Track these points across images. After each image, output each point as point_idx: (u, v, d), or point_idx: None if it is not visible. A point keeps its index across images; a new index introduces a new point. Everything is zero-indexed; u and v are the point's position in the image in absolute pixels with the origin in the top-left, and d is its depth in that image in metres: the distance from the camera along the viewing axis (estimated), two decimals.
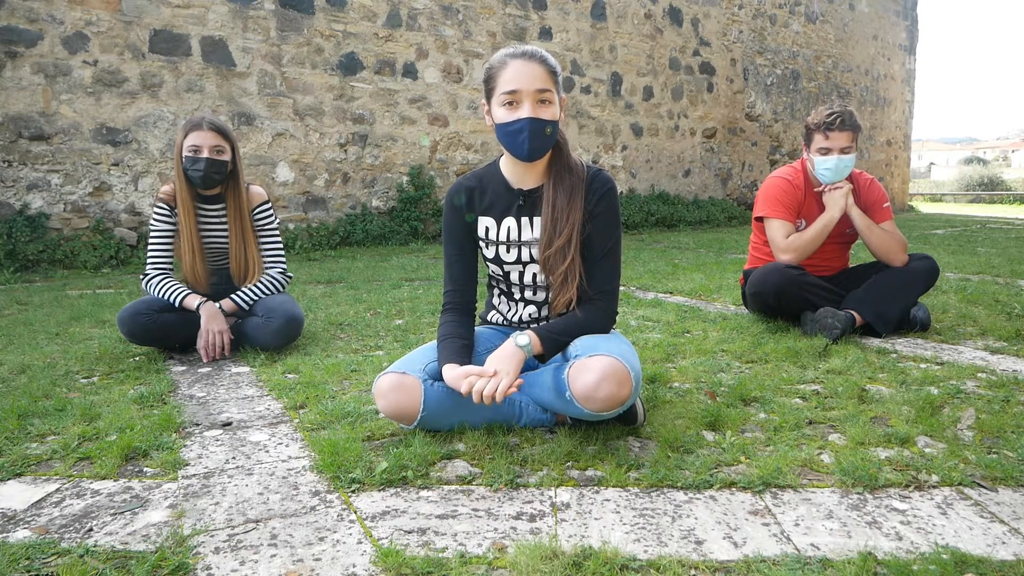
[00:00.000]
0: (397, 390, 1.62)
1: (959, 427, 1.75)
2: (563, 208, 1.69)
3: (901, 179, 15.10)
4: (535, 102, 1.60)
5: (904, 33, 14.42)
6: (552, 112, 1.63)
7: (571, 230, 1.68)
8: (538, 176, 1.75)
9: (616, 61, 9.04)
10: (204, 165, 2.54)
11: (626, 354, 1.57)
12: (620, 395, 1.51)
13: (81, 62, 5.45)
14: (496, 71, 1.63)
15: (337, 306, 3.58)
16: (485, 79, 1.68)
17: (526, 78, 1.59)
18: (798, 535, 1.24)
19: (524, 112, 1.60)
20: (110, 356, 2.59)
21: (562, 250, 1.68)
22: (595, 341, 1.64)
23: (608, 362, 1.51)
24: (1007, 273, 4.46)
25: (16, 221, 5.15)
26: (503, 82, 1.61)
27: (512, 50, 1.64)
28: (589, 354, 1.55)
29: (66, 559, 1.17)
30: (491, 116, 1.68)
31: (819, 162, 2.81)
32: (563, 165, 1.73)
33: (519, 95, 1.60)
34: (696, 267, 5.04)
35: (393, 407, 1.63)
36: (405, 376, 1.64)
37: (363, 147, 7.01)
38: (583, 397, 1.51)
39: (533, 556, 1.14)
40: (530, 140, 1.61)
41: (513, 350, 1.60)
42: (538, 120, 1.60)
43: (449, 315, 1.78)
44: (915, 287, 2.77)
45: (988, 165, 32.70)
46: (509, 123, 1.62)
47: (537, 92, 1.60)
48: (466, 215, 1.78)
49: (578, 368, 1.54)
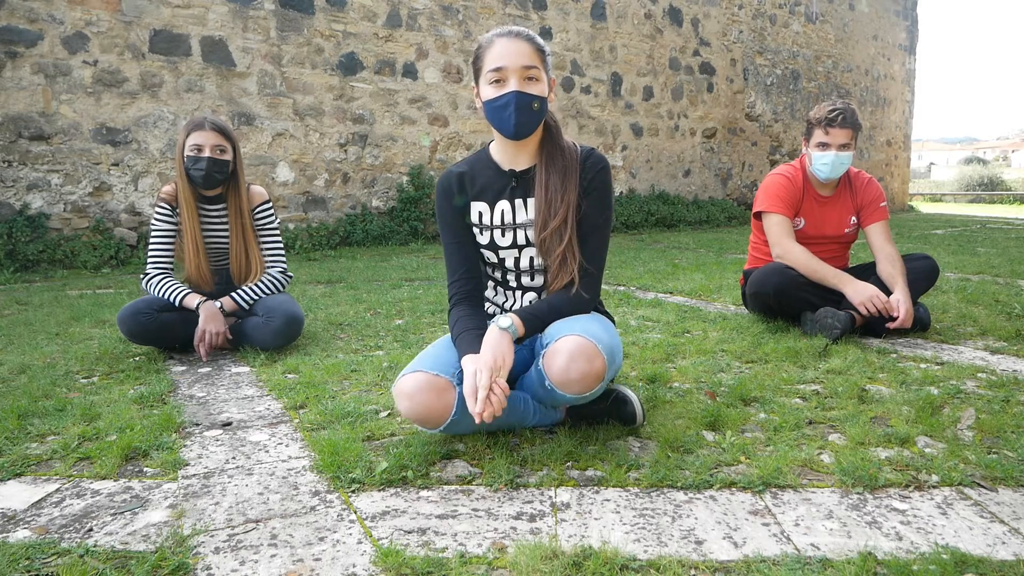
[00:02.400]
0: (426, 391, 1.51)
1: (959, 427, 1.75)
2: (557, 188, 1.66)
3: (901, 179, 15.10)
4: (522, 79, 1.59)
5: (904, 33, 14.42)
6: (539, 88, 1.61)
7: (566, 210, 1.65)
8: (529, 157, 1.73)
9: (616, 61, 9.04)
10: (206, 164, 2.55)
11: (591, 330, 1.53)
12: (593, 371, 1.48)
13: (81, 62, 5.45)
14: (483, 50, 1.63)
15: (337, 306, 3.58)
16: (473, 60, 1.67)
17: (512, 55, 1.58)
18: (798, 535, 1.24)
19: (510, 87, 1.59)
20: (110, 356, 2.59)
21: (558, 231, 1.65)
22: (564, 324, 1.59)
23: (574, 340, 1.49)
24: (1007, 273, 4.46)
25: (16, 221, 5.15)
26: (489, 60, 1.60)
27: (499, 30, 1.63)
28: (556, 337, 1.53)
29: (66, 559, 1.17)
30: (480, 98, 1.67)
31: (816, 157, 2.81)
32: (555, 146, 1.71)
33: (505, 72, 1.59)
34: (696, 267, 5.04)
35: (421, 409, 1.52)
36: (438, 378, 1.53)
37: (363, 147, 7.01)
38: (560, 382, 1.50)
39: (533, 556, 1.14)
40: (517, 114, 1.59)
41: (498, 333, 1.55)
42: (524, 94, 1.59)
43: (459, 308, 1.73)
44: (915, 287, 2.76)
45: (988, 165, 32.69)
46: (495, 98, 1.61)
47: (523, 68, 1.59)
48: (455, 198, 1.74)
49: (550, 354, 1.51)
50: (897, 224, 9.89)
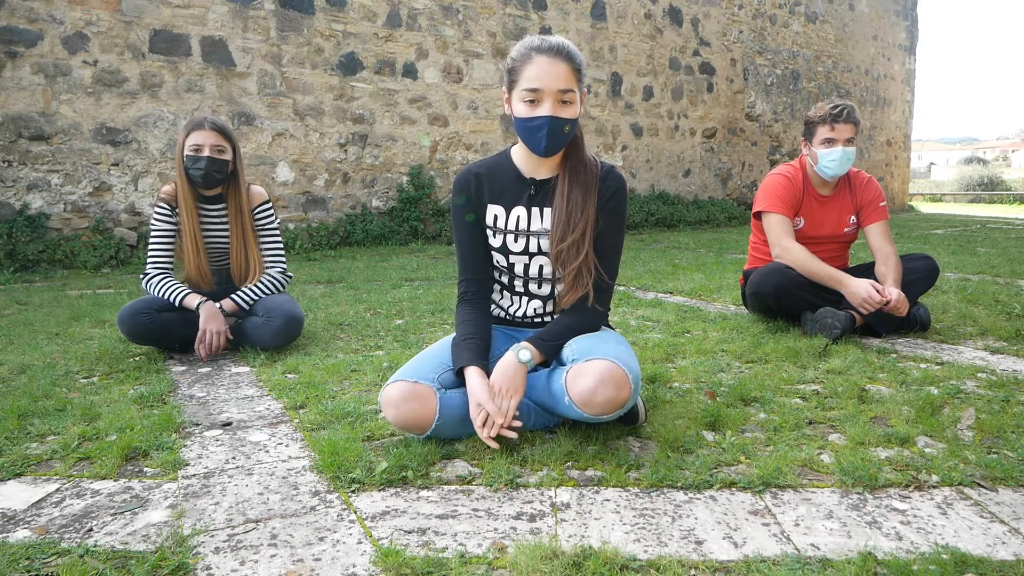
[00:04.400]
0: (410, 400, 1.57)
1: (959, 427, 1.75)
2: (578, 202, 1.67)
3: (901, 179, 15.10)
4: (556, 102, 1.58)
5: (904, 33, 14.42)
6: (573, 111, 1.61)
7: (585, 225, 1.66)
8: (551, 167, 1.74)
9: (616, 61, 9.04)
10: (205, 164, 2.55)
11: (623, 356, 1.56)
12: (619, 398, 1.50)
13: (81, 62, 5.44)
14: (520, 64, 1.60)
15: (337, 306, 3.58)
16: (508, 69, 1.65)
17: (550, 77, 1.57)
18: (798, 535, 1.24)
19: (545, 111, 1.58)
20: (110, 356, 2.59)
21: (576, 245, 1.66)
22: (591, 343, 1.62)
23: (605, 366, 1.50)
24: (1007, 273, 4.46)
25: (16, 221, 5.15)
26: (526, 78, 1.58)
27: (539, 43, 1.59)
28: (586, 358, 1.55)
29: (66, 559, 1.17)
30: (510, 106, 1.66)
31: (823, 154, 2.81)
32: (579, 160, 1.72)
33: (541, 94, 1.58)
34: (696, 267, 5.04)
35: (406, 417, 1.58)
36: (418, 385, 1.59)
37: (363, 147, 7.01)
38: (582, 402, 1.51)
39: (533, 556, 1.14)
40: (548, 138, 1.60)
41: (516, 366, 1.59)
42: (558, 119, 1.59)
43: (466, 308, 1.76)
44: (915, 287, 2.77)
45: (988, 165, 32.69)
46: (529, 119, 1.60)
47: (560, 92, 1.58)
48: (465, 197, 1.76)
49: (575, 372, 1.53)
50: (897, 224, 9.89)
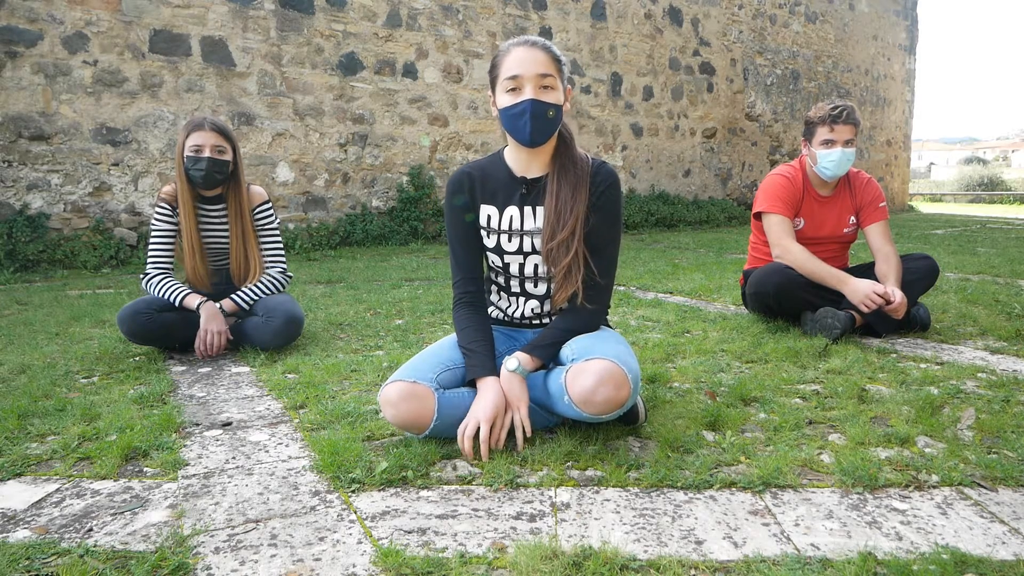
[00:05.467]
0: (409, 399, 1.59)
1: (959, 427, 1.75)
2: (567, 200, 1.68)
3: (901, 179, 15.10)
4: (537, 87, 1.61)
5: (904, 33, 14.41)
6: (555, 97, 1.64)
7: (575, 222, 1.67)
8: (542, 166, 1.75)
9: (616, 61, 9.04)
10: (206, 164, 2.55)
11: (623, 355, 1.56)
12: (619, 398, 1.50)
13: (81, 62, 5.45)
14: (500, 59, 1.66)
15: (337, 306, 3.58)
16: (490, 68, 1.70)
17: (528, 63, 1.61)
18: (798, 535, 1.24)
19: (526, 95, 1.61)
20: (110, 356, 2.59)
21: (565, 243, 1.67)
22: (591, 343, 1.63)
23: (604, 365, 1.50)
24: (1007, 273, 4.46)
25: (16, 221, 5.15)
26: (506, 68, 1.63)
27: (516, 39, 1.67)
28: (585, 357, 1.55)
29: (66, 559, 1.17)
30: (496, 105, 1.69)
31: (822, 155, 2.81)
32: (568, 157, 1.73)
33: (521, 80, 1.61)
34: (696, 267, 5.04)
35: (405, 416, 1.60)
36: (416, 385, 1.60)
37: (363, 147, 7.01)
38: (581, 401, 1.51)
39: (533, 556, 1.14)
40: (532, 122, 1.61)
41: (509, 377, 1.62)
42: (540, 102, 1.61)
43: (464, 311, 1.77)
44: (915, 287, 2.77)
45: (988, 165, 32.69)
46: (511, 106, 1.63)
47: (539, 77, 1.61)
48: (459, 198, 1.77)
49: (575, 372, 1.53)
50: (897, 224, 9.89)
